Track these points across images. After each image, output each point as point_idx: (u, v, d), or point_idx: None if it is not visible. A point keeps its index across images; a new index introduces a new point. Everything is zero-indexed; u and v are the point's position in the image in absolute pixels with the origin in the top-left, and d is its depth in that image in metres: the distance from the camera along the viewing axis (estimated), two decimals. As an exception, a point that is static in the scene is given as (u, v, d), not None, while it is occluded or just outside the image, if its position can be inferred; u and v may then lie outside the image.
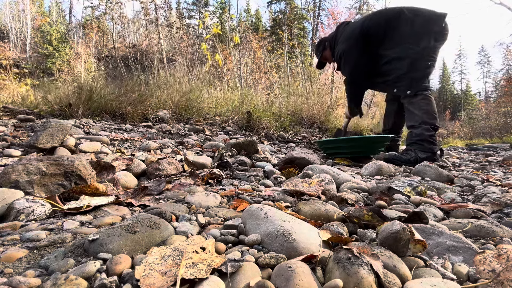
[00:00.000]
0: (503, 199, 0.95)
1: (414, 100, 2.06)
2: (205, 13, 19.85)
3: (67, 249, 0.52)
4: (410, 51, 2.07)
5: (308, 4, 20.06)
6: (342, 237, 0.57)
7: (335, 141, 2.11)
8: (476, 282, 0.46)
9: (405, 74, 2.09)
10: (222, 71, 5.83)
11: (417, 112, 2.03)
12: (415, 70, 2.05)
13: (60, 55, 13.93)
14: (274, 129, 3.16)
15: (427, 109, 2.01)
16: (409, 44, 2.08)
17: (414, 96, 2.06)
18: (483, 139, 9.48)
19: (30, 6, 19.48)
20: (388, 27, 2.17)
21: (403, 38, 2.11)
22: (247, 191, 1.05)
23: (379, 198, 0.96)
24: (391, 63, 2.17)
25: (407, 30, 2.09)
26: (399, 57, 2.12)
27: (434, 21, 2.04)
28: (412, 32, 2.07)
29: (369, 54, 2.26)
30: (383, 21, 2.19)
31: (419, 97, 2.04)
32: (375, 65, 2.27)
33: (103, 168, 1.11)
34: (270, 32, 20.17)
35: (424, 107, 2.02)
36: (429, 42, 2.02)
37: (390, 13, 2.22)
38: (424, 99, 2.03)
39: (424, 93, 2.04)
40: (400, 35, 2.13)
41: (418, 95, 2.04)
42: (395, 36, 2.15)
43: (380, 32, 2.19)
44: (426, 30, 2.04)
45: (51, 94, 2.44)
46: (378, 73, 2.29)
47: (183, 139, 2.18)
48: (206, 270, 0.45)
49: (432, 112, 2.01)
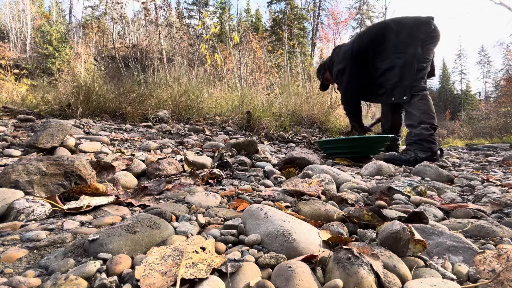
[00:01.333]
0: (503, 199, 0.95)
1: (411, 101, 2.10)
2: (205, 13, 19.84)
3: (67, 249, 0.52)
4: (397, 60, 2.20)
5: (308, 4, 20.06)
6: (342, 237, 0.57)
7: (335, 141, 2.12)
8: (476, 282, 0.46)
9: (397, 82, 2.20)
10: (222, 71, 5.83)
11: (415, 112, 2.06)
12: (406, 77, 2.15)
13: (60, 55, 13.93)
14: (274, 129, 3.17)
15: (424, 109, 2.04)
16: (396, 54, 2.21)
17: (412, 97, 2.10)
18: (483, 139, 9.47)
19: (30, 6, 19.47)
20: (376, 43, 2.32)
21: (391, 50, 2.25)
22: (247, 191, 1.04)
23: (379, 198, 0.96)
24: (385, 75, 2.30)
25: (393, 41, 2.23)
26: (389, 67, 2.25)
27: (418, 28, 2.14)
28: (398, 43, 2.21)
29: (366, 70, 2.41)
30: (370, 40, 2.35)
31: (416, 98, 2.08)
32: (373, 78, 2.40)
33: (103, 168, 1.11)
34: (270, 32, 20.16)
35: (421, 107, 2.05)
36: (415, 48, 2.12)
37: (375, 30, 2.38)
38: (422, 99, 2.06)
39: (421, 94, 2.07)
40: (388, 48, 2.27)
41: (415, 96, 2.09)
42: (384, 49, 2.30)
43: (370, 49, 2.35)
44: (411, 38, 2.15)
45: (49, 94, 2.44)
46: (377, 86, 2.41)
47: (183, 139, 2.18)
48: (206, 270, 0.45)
49: (430, 111, 2.04)
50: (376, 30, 2.36)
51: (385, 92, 2.34)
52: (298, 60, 7.00)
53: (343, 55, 2.48)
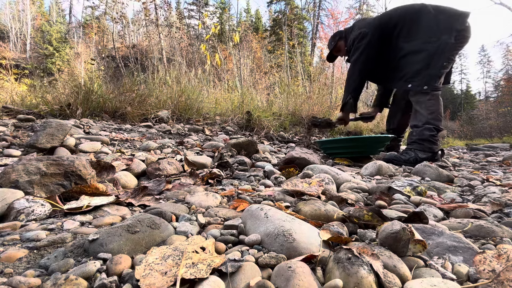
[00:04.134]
0: (503, 199, 0.95)
1: (422, 99, 2.01)
2: (205, 13, 19.84)
3: (67, 249, 0.52)
4: (428, 45, 1.98)
5: (308, 4, 20.06)
6: (342, 237, 0.57)
7: (335, 141, 2.11)
8: (476, 282, 0.46)
9: (422, 69, 2.01)
10: (222, 71, 5.83)
11: (423, 112, 1.99)
12: (432, 66, 1.96)
13: (60, 55, 13.93)
14: (274, 129, 3.17)
15: (433, 110, 1.97)
16: (428, 38, 1.99)
17: (425, 93, 1.99)
18: (483, 139, 9.48)
19: (30, 6, 19.47)
20: (409, 19, 2.08)
21: (423, 32, 2.02)
22: (247, 191, 1.04)
23: (379, 198, 0.96)
24: (407, 57, 2.09)
25: (429, 23, 2.00)
26: (416, 50, 2.03)
27: (456, 19, 1.97)
28: (434, 26, 1.98)
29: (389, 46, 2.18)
30: (404, 12, 2.12)
31: (428, 96, 1.98)
32: (392, 59, 2.19)
33: (103, 168, 1.11)
34: (270, 32, 20.18)
35: (431, 107, 1.98)
36: (449, 38, 1.92)
37: (410, 6, 2.15)
38: (432, 99, 1.98)
39: (434, 93, 1.98)
40: (420, 28, 2.04)
41: (428, 93, 1.98)
42: (415, 28, 2.06)
43: (400, 23, 2.11)
44: (447, 25, 1.95)
45: (49, 94, 2.44)
46: (393, 68, 2.20)
47: (183, 139, 2.18)
48: (206, 270, 0.45)
49: (438, 113, 1.98)
50: (410, 8, 2.12)
51: (402, 76, 2.11)
52: (298, 60, 7.00)
53: (369, 21, 2.26)
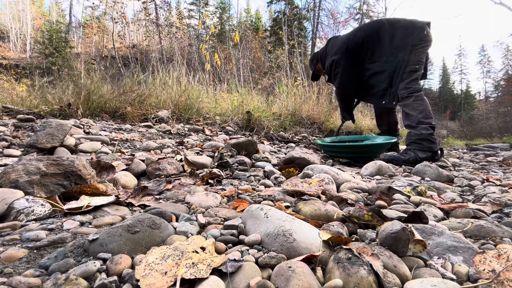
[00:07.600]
0: (503, 199, 0.95)
1: (408, 102, 2.11)
2: (205, 13, 19.84)
3: (67, 249, 0.52)
4: (387, 64, 2.23)
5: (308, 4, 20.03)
6: (342, 237, 0.57)
7: (339, 147, 2.13)
8: (476, 282, 0.46)
9: (387, 88, 2.24)
10: (222, 71, 5.83)
11: (413, 113, 2.07)
12: (394, 83, 2.19)
13: (60, 55, 13.93)
14: (274, 129, 3.17)
15: (421, 109, 2.05)
16: (386, 58, 2.24)
17: (407, 98, 2.11)
18: (483, 139, 9.48)
19: (30, 6, 19.47)
20: (371, 41, 2.33)
21: (383, 52, 2.27)
22: (247, 191, 1.04)
23: (379, 198, 0.96)
24: (375, 77, 2.33)
25: (386, 44, 2.25)
26: (379, 71, 2.28)
27: (411, 32, 2.15)
28: (390, 46, 2.23)
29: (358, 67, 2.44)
30: (364, 39, 2.35)
31: (412, 99, 2.09)
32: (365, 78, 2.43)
33: (103, 168, 1.11)
34: (270, 32, 20.15)
35: (418, 107, 2.06)
36: (405, 55, 2.14)
37: (370, 27, 2.39)
38: (417, 100, 2.08)
39: (415, 94, 2.08)
40: (380, 49, 2.29)
41: (410, 96, 2.10)
42: (377, 50, 2.32)
43: (365, 45, 2.36)
44: (402, 43, 2.18)
45: (49, 94, 2.44)
46: (368, 86, 2.45)
47: (183, 139, 2.18)
48: (206, 270, 0.45)
49: (427, 111, 2.05)
50: (371, 29, 2.37)
51: (375, 94, 2.38)
52: (298, 60, 7.00)
53: (338, 47, 2.49)
